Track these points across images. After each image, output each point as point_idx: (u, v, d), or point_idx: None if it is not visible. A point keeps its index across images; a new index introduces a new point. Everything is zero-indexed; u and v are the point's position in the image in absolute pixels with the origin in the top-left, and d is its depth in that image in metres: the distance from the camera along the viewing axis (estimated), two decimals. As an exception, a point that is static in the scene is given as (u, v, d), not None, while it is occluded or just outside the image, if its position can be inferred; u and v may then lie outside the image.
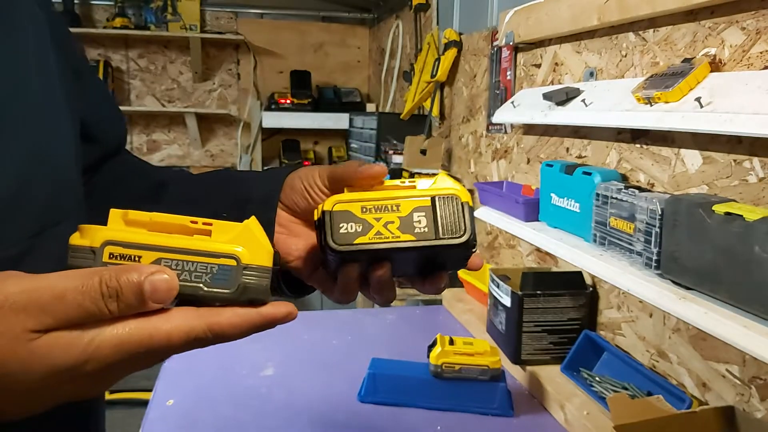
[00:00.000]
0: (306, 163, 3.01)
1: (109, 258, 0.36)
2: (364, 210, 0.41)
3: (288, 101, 2.92)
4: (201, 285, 0.36)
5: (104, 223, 0.37)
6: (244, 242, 0.37)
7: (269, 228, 0.50)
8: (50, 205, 0.45)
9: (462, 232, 0.41)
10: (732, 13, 0.83)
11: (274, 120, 2.90)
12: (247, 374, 1.10)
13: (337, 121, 2.92)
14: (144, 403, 1.03)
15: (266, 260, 0.37)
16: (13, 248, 0.40)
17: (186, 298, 0.35)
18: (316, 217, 0.43)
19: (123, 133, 0.67)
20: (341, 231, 0.40)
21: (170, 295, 0.34)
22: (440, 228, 0.41)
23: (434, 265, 0.45)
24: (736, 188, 0.82)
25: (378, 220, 0.40)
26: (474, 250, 0.42)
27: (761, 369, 0.79)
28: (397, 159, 1.87)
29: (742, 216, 0.69)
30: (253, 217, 0.38)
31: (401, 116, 2.06)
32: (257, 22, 3.08)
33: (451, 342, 0.98)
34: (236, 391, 1.03)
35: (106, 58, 2.86)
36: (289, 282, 0.54)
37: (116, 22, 2.74)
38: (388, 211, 0.41)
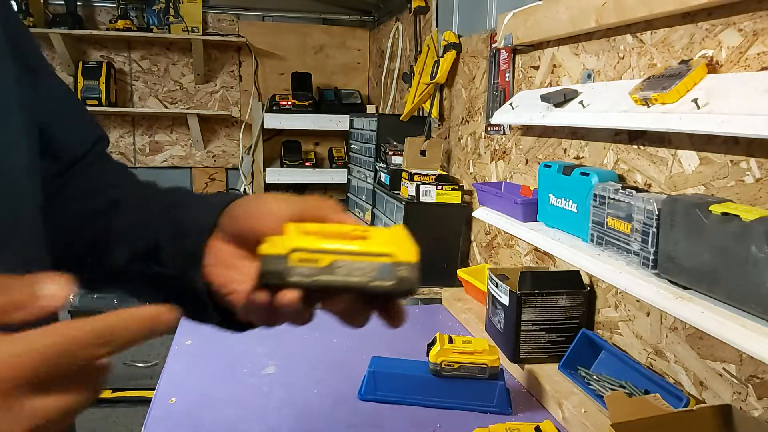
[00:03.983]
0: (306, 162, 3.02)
1: (298, 261, 0.42)
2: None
3: (289, 103, 2.92)
4: (368, 280, 0.42)
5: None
6: (395, 243, 0.44)
7: (197, 260, 0.49)
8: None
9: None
10: (729, 15, 0.83)
11: (275, 121, 2.91)
12: (248, 373, 1.10)
13: (338, 122, 2.93)
14: (147, 402, 1.04)
15: (414, 257, 0.44)
16: None
17: (355, 291, 0.43)
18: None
19: (90, 139, 0.60)
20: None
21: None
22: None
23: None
24: (733, 189, 0.83)
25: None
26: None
27: (758, 368, 0.79)
28: (396, 160, 1.88)
29: (739, 216, 0.70)
30: (399, 224, 0.43)
31: (401, 118, 2.07)
32: (259, 25, 3.09)
33: (450, 341, 0.99)
34: (238, 389, 1.03)
35: (109, 60, 2.87)
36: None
37: (119, 24, 2.74)
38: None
